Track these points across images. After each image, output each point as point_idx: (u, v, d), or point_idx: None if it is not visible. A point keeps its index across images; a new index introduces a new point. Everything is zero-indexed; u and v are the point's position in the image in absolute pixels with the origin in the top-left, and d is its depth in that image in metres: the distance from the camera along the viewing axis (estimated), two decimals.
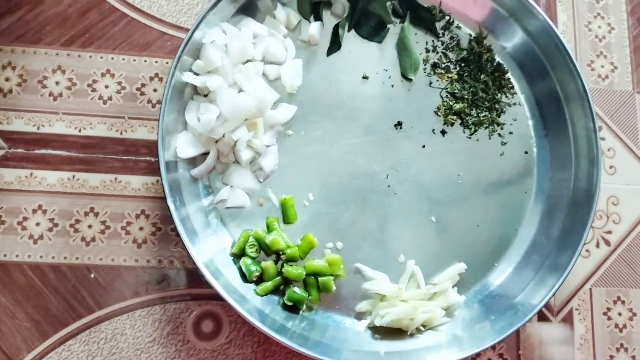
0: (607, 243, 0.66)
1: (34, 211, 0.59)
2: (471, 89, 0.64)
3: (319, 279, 0.58)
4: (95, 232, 0.59)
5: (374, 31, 0.65)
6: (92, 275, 0.58)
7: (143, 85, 0.63)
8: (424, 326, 0.59)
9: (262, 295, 0.57)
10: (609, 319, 0.64)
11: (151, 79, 0.63)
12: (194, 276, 0.59)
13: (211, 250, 0.56)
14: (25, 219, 0.59)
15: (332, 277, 0.58)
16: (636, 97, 0.70)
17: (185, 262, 0.59)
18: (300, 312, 0.58)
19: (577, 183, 0.61)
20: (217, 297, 0.54)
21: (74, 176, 0.60)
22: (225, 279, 0.55)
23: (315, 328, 0.57)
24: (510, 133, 0.65)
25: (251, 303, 0.55)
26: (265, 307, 0.56)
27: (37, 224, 0.59)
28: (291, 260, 0.58)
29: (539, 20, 0.61)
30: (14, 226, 0.58)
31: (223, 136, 0.58)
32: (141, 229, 0.60)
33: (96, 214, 0.60)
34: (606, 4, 0.72)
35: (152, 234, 0.60)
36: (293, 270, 0.57)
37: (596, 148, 0.59)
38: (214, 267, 0.55)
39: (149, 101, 0.63)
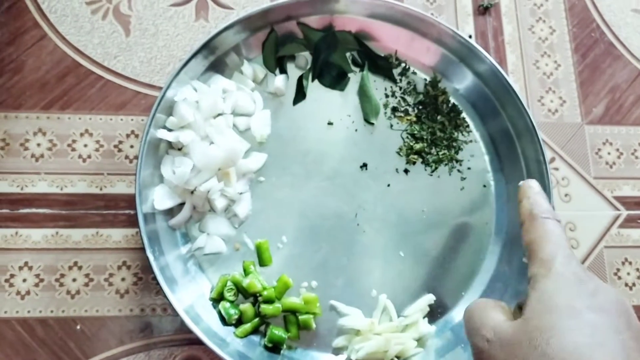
0: None
1: (20, 268, 0.61)
2: (429, 130, 0.68)
3: (300, 317, 0.60)
4: (79, 285, 0.62)
5: (335, 80, 0.69)
6: (78, 327, 0.61)
7: (120, 142, 0.66)
8: (398, 357, 0.61)
9: (241, 337, 0.59)
10: None
11: (127, 136, 0.67)
12: (176, 322, 0.62)
13: (191, 296, 0.59)
14: (12, 276, 0.61)
15: (311, 316, 0.60)
16: (585, 128, 0.74)
17: (167, 309, 0.62)
18: (281, 351, 0.60)
19: None
20: (199, 342, 0.55)
21: (57, 232, 0.63)
22: (205, 323, 0.58)
23: None
24: (469, 168, 0.68)
25: (232, 346, 0.58)
26: (246, 348, 0.58)
27: (24, 280, 0.61)
28: (268, 301, 0.60)
29: (486, 64, 0.66)
30: (1, 283, 0.61)
31: (197, 187, 0.61)
32: (123, 279, 0.62)
33: (80, 268, 0.62)
34: (552, 43, 0.77)
35: (134, 284, 0.62)
36: (269, 307, 0.59)
37: (547, 179, 0.63)
38: (194, 313, 0.57)
39: (126, 157, 0.66)
